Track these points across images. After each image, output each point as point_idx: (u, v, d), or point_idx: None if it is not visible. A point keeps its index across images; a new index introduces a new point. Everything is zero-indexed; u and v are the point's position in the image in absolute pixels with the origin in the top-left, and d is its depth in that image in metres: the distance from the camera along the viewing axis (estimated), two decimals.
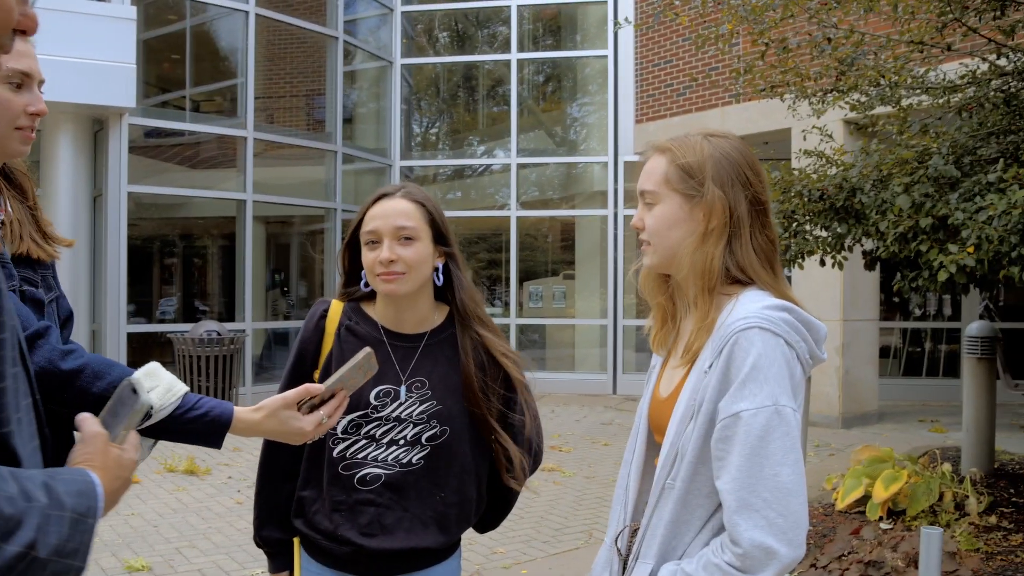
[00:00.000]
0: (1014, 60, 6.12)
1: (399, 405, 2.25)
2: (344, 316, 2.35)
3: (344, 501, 2.25)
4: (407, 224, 2.23)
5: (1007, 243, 4.55)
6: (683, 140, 1.87)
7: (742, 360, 1.67)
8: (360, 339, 2.29)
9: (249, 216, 12.13)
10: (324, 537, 2.26)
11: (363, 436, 2.25)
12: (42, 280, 2.15)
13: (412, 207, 2.26)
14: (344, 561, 2.27)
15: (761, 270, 1.82)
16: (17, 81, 2.00)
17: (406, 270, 2.21)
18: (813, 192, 5.97)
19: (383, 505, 2.24)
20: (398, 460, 2.25)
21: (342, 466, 2.26)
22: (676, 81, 12.98)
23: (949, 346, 13.53)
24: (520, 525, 6.62)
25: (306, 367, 2.34)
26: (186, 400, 1.93)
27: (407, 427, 2.25)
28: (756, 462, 1.63)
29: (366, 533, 2.23)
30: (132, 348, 11.07)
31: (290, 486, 2.36)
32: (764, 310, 1.71)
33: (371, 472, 2.25)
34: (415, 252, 2.23)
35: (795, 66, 6.63)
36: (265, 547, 2.41)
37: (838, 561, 4.95)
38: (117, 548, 5.99)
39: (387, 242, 2.21)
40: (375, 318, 2.34)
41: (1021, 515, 6.32)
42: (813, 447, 9.27)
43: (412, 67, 15.51)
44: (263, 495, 2.39)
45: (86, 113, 10.67)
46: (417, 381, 2.28)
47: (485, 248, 16.04)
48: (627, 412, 12.17)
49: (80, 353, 1.89)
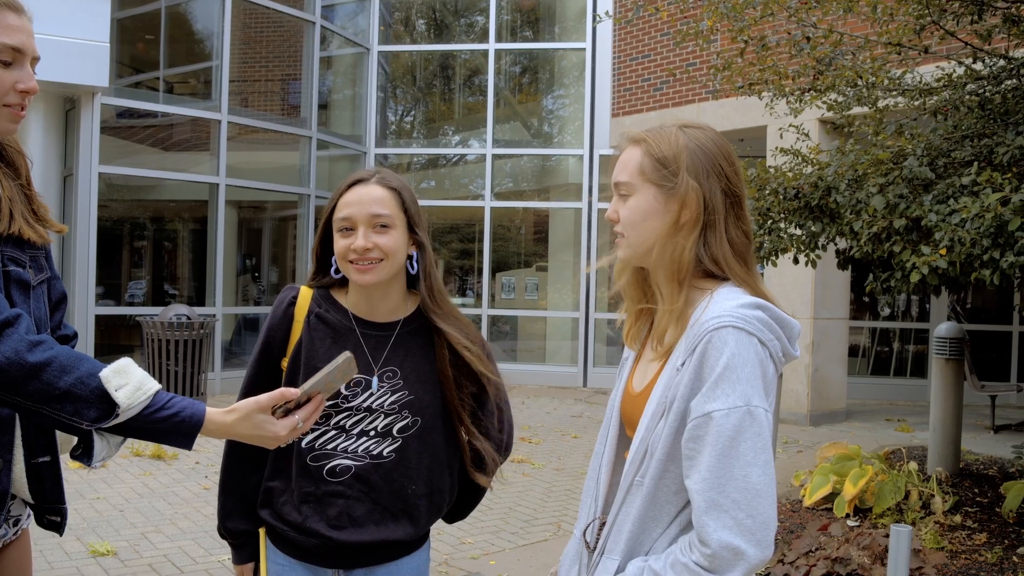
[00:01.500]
0: (990, 64, 6.17)
1: (370, 395, 2.22)
2: (314, 303, 2.29)
3: (313, 493, 2.22)
4: (383, 211, 2.18)
5: (979, 246, 4.58)
6: (658, 131, 1.85)
7: (715, 359, 1.66)
8: (331, 327, 2.26)
9: (222, 200, 12.03)
10: (292, 529, 2.23)
11: (333, 427, 2.22)
12: (32, 261, 2.09)
13: (388, 194, 2.22)
14: (312, 553, 2.24)
15: (735, 264, 1.80)
16: (7, 58, 1.96)
17: (382, 257, 2.17)
18: (788, 190, 5.99)
19: (352, 497, 2.21)
20: (368, 452, 2.22)
21: (311, 457, 2.22)
22: (654, 76, 12.99)
23: (917, 346, 13.67)
24: (489, 516, 6.61)
25: (273, 355, 2.30)
26: (157, 399, 1.89)
27: (378, 417, 2.22)
28: (726, 463, 1.62)
29: (335, 525, 2.20)
30: (100, 331, 10.96)
31: (256, 476, 2.33)
32: (738, 308, 1.69)
33: (341, 463, 2.21)
34: (391, 240, 2.18)
35: (773, 64, 6.64)
36: (230, 538, 2.36)
37: (805, 557, 4.98)
38: (82, 532, 5.93)
39: (362, 229, 2.17)
40: (346, 306, 2.29)
41: (985, 514, 6.39)
42: (782, 444, 9.33)
43: (389, 54, 15.44)
44: (228, 485, 2.35)
45: (57, 91, 10.53)
46: (389, 371, 2.24)
47: (458, 238, 16.01)
48: (597, 405, 12.20)
49: (49, 345, 1.84)
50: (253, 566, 2.35)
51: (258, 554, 2.33)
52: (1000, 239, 4.54)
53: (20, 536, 2.20)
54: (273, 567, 2.30)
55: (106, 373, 1.85)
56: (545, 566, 5.46)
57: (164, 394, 1.90)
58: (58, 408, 1.82)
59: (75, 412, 1.83)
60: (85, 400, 1.83)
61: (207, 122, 12.30)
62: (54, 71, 9.76)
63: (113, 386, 1.84)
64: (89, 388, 1.83)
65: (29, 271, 2.06)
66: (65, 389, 1.81)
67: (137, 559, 5.51)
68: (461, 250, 15.79)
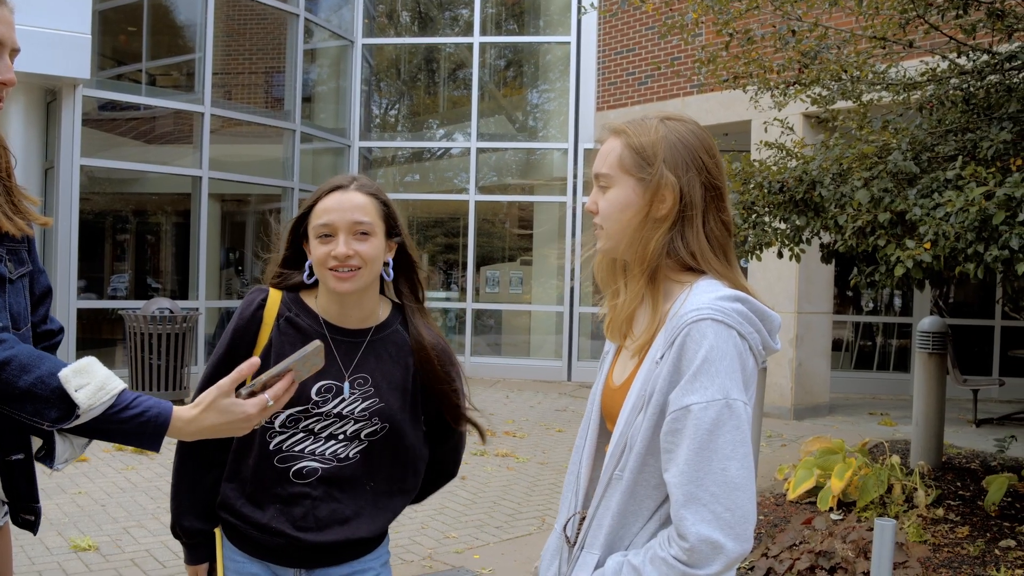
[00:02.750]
0: (974, 59, 6.18)
1: (341, 401, 2.21)
2: (283, 307, 2.27)
3: (278, 494, 2.20)
4: (364, 219, 2.16)
5: (963, 240, 4.59)
6: (638, 123, 1.84)
7: (694, 352, 1.65)
8: (301, 332, 2.23)
9: (204, 193, 11.96)
10: (255, 528, 2.21)
11: (301, 430, 2.21)
12: (10, 254, 2.05)
13: (368, 201, 2.19)
14: (275, 552, 2.22)
15: (713, 258, 1.79)
16: None
17: (362, 265, 2.15)
18: (773, 184, 5.99)
19: (318, 498, 2.20)
20: (335, 455, 2.21)
21: (278, 459, 2.21)
22: (638, 70, 12.99)
23: (900, 341, 13.72)
24: (473, 510, 6.60)
25: (239, 356, 2.24)
26: (121, 398, 1.84)
27: (348, 423, 2.22)
28: (704, 456, 1.61)
29: (300, 527, 2.19)
30: (82, 324, 10.90)
31: (212, 475, 2.30)
32: (717, 301, 1.69)
33: (308, 465, 2.20)
34: (371, 247, 2.17)
35: (758, 58, 6.64)
36: (184, 537, 2.32)
37: (789, 551, 4.99)
38: (63, 527, 5.89)
39: (343, 237, 2.14)
40: (316, 311, 2.27)
41: (968, 508, 6.41)
42: (765, 438, 9.35)
43: (373, 47, 15.38)
44: (182, 485, 2.31)
45: (38, 83, 10.44)
46: (360, 378, 2.23)
47: (442, 232, 15.98)
48: (581, 399, 12.20)
49: (9, 344, 1.81)
50: (207, 567, 2.33)
51: (213, 554, 2.31)
52: (984, 233, 4.55)
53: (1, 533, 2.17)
54: (231, 564, 2.27)
55: (66, 373, 1.81)
56: (529, 560, 5.46)
57: (129, 393, 1.86)
58: (19, 408, 1.79)
59: (35, 412, 1.79)
60: (45, 400, 1.79)
61: (190, 115, 12.23)
62: (35, 63, 9.67)
63: (73, 386, 1.79)
64: (49, 388, 1.79)
65: (8, 265, 2.03)
66: (25, 389, 1.78)
67: (119, 554, 5.47)
68: (445, 244, 15.76)
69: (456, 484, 7.19)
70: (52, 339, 2.30)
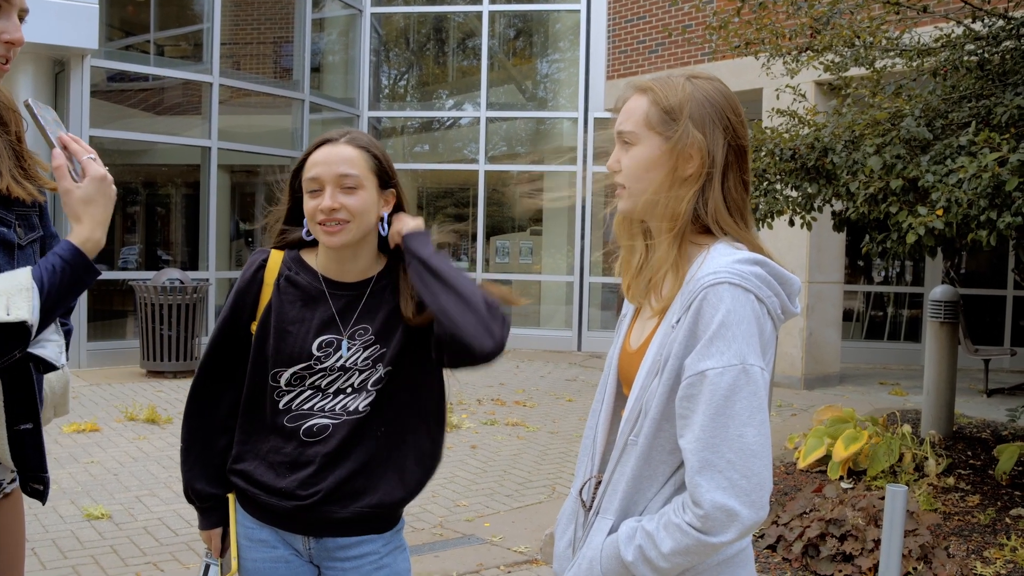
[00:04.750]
0: (989, 24, 6.11)
1: (340, 356, 2.20)
2: (284, 266, 2.26)
3: (289, 454, 2.19)
4: (350, 172, 2.13)
5: (976, 206, 4.55)
6: (665, 80, 1.80)
7: (710, 316, 1.62)
8: (300, 289, 2.23)
9: (214, 164, 11.95)
10: (265, 492, 2.20)
11: (308, 387, 2.20)
12: (21, 220, 2.03)
13: (356, 153, 2.16)
14: (284, 518, 2.21)
15: (730, 219, 1.76)
16: None
17: (349, 218, 2.13)
18: (785, 151, 5.95)
19: (329, 456, 2.18)
20: (345, 408, 2.20)
21: (288, 418, 2.20)
22: (648, 38, 12.89)
23: (911, 311, 13.68)
24: (483, 479, 6.62)
25: (242, 319, 2.26)
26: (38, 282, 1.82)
27: (353, 375, 2.20)
28: (721, 422, 1.59)
29: (310, 486, 2.18)
30: (93, 295, 10.94)
31: (224, 439, 2.29)
32: (735, 264, 1.65)
33: (318, 423, 2.19)
34: (359, 200, 2.14)
35: (770, 24, 6.58)
36: (197, 501, 2.31)
37: (800, 519, 4.99)
38: (76, 496, 5.92)
39: (329, 190, 2.12)
40: (316, 268, 2.26)
41: (978, 477, 6.41)
42: (776, 407, 9.35)
43: (382, 16, 15.29)
44: (194, 450, 2.30)
45: (47, 54, 10.43)
46: (360, 328, 2.22)
47: (452, 202, 15.94)
48: (592, 369, 12.21)
49: None
50: (221, 531, 2.32)
51: (226, 519, 2.30)
52: (997, 199, 4.51)
53: (11, 499, 2.18)
54: (242, 530, 2.27)
55: None
56: (540, 528, 5.47)
57: (36, 270, 1.83)
58: None
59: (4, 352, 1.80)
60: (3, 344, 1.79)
61: (198, 85, 12.20)
62: (43, 32, 9.65)
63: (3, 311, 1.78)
64: None
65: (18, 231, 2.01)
66: None
67: (131, 522, 5.50)
68: (455, 215, 15.73)
69: (466, 453, 7.22)
70: None
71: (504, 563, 5.00)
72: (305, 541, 2.24)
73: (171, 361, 10.24)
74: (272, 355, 2.19)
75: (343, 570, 2.25)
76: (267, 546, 2.25)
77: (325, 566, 2.27)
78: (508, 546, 5.26)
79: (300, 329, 2.19)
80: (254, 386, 2.23)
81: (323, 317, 2.20)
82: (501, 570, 4.92)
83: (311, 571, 2.27)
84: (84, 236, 1.88)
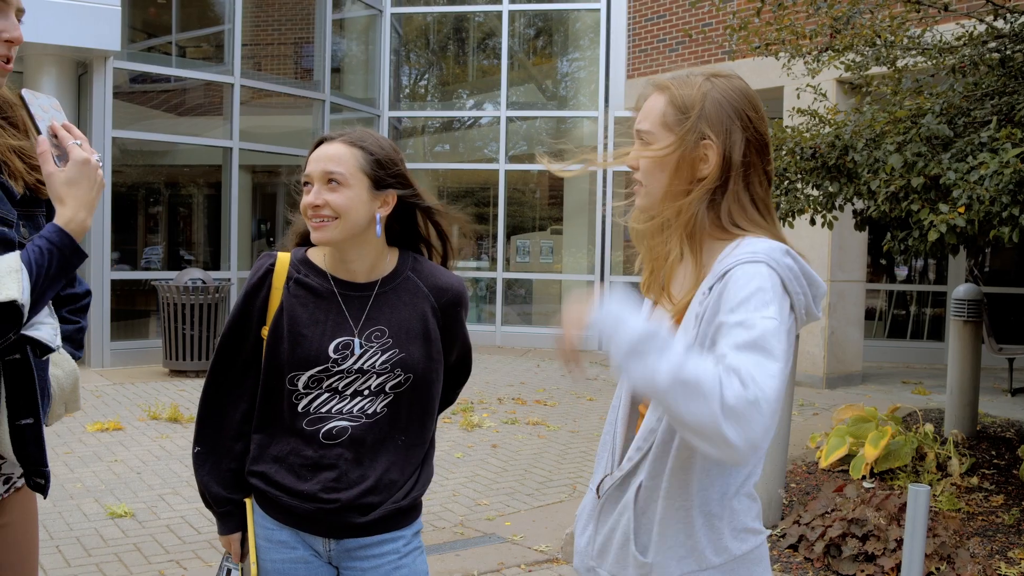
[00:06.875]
0: (1011, 21, 6.07)
1: (357, 357, 2.21)
2: (292, 269, 2.27)
3: (310, 457, 2.20)
4: (335, 169, 2.16)
5: (998, 203, 4.52)
6: (684, 79, 1.80)
7: (746, 282, 1.59)
8: (311, 291, 2.24)
9: (235, 164, 12.01)
10: (286, 494, 2.21)
11: (326, 389, 2.21)
12: (26, 219, 2.04)
13: (347, 151, 2.19)
14: (306, 520, 2.22)
15: (756, 215, 1.76)
16: None
17: (335, 216, 2.15)
18: (805, 150, 5.92)
19: (350, 459, 2.20)
20: (363, 411, 2.21)
21: (307, 421, 2.21)
22: (669, 37, 12.86)
23: (934, 309, 13.59)
24: (504, 478, 6.63)
25: (251, 324, 2.26)
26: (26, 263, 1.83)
27: (371, 378, 2.21)
28: (756, 347, 1.49)
29: (332, 489, 2.19)
30: (116, 295, 11.01)
31: (240, 444, 2.29)
32: (773, 251, 1.65)
33: (337, 425, 2.20)
34: (342, 198, 2.15)
35: (791, 24, 6.55)
36: (215, 506, 2.32)
37: (821, 518, 4.97)
38: (100, 494, 5.97)
39: (316, 186, 2.17)
40: (324, 268, 2.28)
41: (1002, 477, 6.37)
42: (797, 406, 9.31)
43: (402, 16, 15.33)
44: (209, 457, 2.29)
45: (70, 56, 10.51)
46: (376, 331, 2.23)
47: (473, 202, 15.95)
48: None
49: None
50: (240, 536, 2.32)
51: (245, 524, 2.30)
52: (1020, 196, 4.47)
53: (22, 494, 2.19)
54: (261, 531, 2.27)
55: None
56: (561, 527, 5.48)
57: (24, 254, 1.84)
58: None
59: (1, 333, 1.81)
60: None
61: (220, 86, 12.26)
62: (66, 35, 9.74)
63: None
64: None
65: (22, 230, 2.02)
66: None
67: (155, 520, 5.55)
68: (476, 214, 15.73)
69: (487, 452, 7.23)
70: (78, 302, 2.33)
71: (525, 562, 5.01)
72: (325, 543, 2.25)
73: (193, 360, 10.31)
74: (287, 359, 2.20)
75: (362, 570, 2.26)
76: (287, 547, 2.25)
77: (344, 567, 2.28)
78: (529, 545, 5.27)
79: (315, 332, 2.20)
80: (269, 390, 2.24)
81: (336, 318, 2.22)
82: (522, 569, 4.92)
83: (330, 572, 2.28)
84: (68, 217, 1.90)
